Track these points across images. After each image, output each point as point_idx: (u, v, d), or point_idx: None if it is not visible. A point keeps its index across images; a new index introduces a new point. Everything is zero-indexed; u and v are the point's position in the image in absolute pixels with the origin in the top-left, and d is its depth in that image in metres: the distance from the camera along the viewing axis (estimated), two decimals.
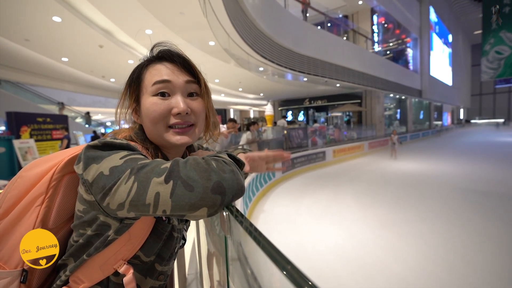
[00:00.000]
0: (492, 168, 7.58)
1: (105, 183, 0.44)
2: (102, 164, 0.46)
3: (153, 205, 0.42)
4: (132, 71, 0.61)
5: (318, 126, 10.62)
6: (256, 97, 17.30)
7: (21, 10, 4.99)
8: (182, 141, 0.57)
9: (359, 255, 2.98)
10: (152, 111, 0.56)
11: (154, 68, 0.58)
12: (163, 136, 0.57)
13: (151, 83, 0.56)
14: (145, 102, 0.57)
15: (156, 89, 0.56)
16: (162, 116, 0.56)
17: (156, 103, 0.56)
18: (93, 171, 0.46)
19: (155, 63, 0.59)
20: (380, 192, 5.47)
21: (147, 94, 0.57)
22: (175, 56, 0.59)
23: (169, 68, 0.57)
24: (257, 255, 0.40)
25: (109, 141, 0.50)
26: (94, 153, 0.48)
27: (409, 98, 18.25)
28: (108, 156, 0.47)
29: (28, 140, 5.96)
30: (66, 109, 12.63)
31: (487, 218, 3.92)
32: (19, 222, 0.53)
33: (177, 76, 0.57)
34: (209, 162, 0.46)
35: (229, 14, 5.57)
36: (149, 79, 0.57)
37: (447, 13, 23.71)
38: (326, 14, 11.34)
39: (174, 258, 0.66)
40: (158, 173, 0.43)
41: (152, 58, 0.60)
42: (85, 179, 0.47)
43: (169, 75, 0.57)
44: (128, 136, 0.60)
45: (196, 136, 0.61)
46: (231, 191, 0.44)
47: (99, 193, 0.45)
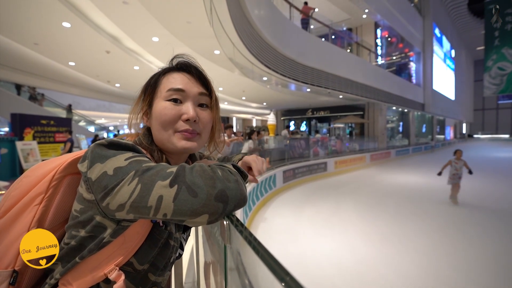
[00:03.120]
0: (499, 184, 7.49)
1: (107, 183, 0.44)
2: (107, 164, 0.46)
3: (154, 208, 0.42)
4: (150, 77, 0.64)
5: (320, 137, 10.62)
6: (259, 106, 17.39)
7: (32, 15, 5.10)
8: (187, 146, 0.58)
9: (359, 268, 2.93)
10: (163, 114, 0.57)
11: (172, 76, 0.61)
12: (170, 140, 0.58)
13: (166, 89, 0.59)
14: (157, 105, 0.59)
15: (169, 95, 0.58)
16: (172, 120, 0.57)
17: (168, 107, 0.58)
18: (97, 170, 0.46)
19: (173, 72, 0.62)
20: (382, 205, 5.41)
21: (160, 98, 0.59)
22: (192, 68, 0.62)
23: (185, 78, 0.60)
24: (256, 265, 0.40)
25: (116, 141, 0.51)
26: (100, 152, 0.48)
27: (412, 111, 18.28)
28: (113, 156, 0.47)
29: (31, 142, 6.00)
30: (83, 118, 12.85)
31: (492, 235, 3.85)
32: (16, 220, 0.52)
33: (191, 87, 0.60)
34: (215, 170, 0.47)
35: (235, 24, 5.66)
36: (165, 85, 0.60)
37: (450, 29, 24.00)
38: (330, 27, 11.50)
39: (169, 269, 0.63)
40: (164, 177, 0.43)
41: (171, 67, 0.63)
42: (88, 177, 0.47)
43: (184, 84, 0.59)
44: (134, 140, 0.61)
45: (200, 145, 0.62)
46: (233, 201, 0.45)
47: (100, 192, 0.45)
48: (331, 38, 11.50)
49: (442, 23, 21.64)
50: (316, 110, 18.43)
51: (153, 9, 5.02)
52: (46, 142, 6.87)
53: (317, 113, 18.44)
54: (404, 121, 19.20)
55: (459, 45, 27.67)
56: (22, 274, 0.53)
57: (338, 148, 11.18)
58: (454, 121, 30.59)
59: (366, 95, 12.39)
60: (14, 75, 9.32)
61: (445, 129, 27.32)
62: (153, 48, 6.85)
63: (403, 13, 15.34)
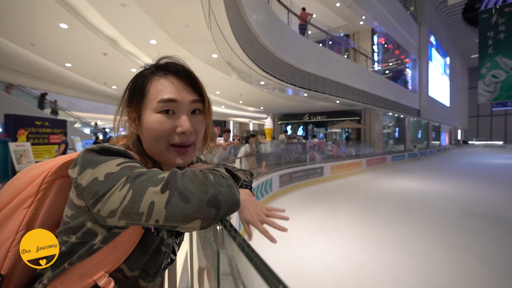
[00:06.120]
0: (494, 191, 7.56)
1: (98, 189, 0.43)
2: (98, 170, 0.45)
3: (146, 214, 0.41)
4: (134, 80, 0.59)
5: (317, 142, 10.65)
6: (256, 110, 17.43)
7: (29, 16, 5.08)
8: (180, 162, 0.58)
9: (355, 274, 2.91)
10: (156, 128, 0.55)
11: (160, 82, 0.56)
12: (164, 154, 0.57)
13: (156, 100, 0.55)
14: (148, 117, 0.55)
15: (161, 107, 0.55)
16: (166, 134, 0.56)
17: (161, 121, 0.55)
18: (87, 176, 0.45)
19: (161, 77, 0.57)
20: (377, 210, 5.42)
21: (150, 109, 0.55)
22: (181, 71, 0.58)
23: (175, 85, 0.56)
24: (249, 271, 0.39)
25: (107, 147, 0.50)
26: (91, 158, 0.47)
27: (408, 117, 18.46)
28: (104, 162, 0.46)
29: (24, 143, 5.92)
30: (66, 114, 12.58)
31: (487, 242, 3.87)
32: (5, 223, 0.51)
33: (182, 96, 0.56)
34: (206, 175, 0.46)
35: (233, 29, 5.69)
36: (154, 95, 0.55)
37: (445, 36, 24.40)
38: (328, 33, 11.62)
39: (161, 275, 0.62)
40: (155, 183, 0.43)
41: (157, 69, 0.58)
42: (78, 183, 0.46)
43: (176, 94, 0.55)
44: (126, 144, 0.60)
45: (194, 155, 0.61)
46: (226, 205, 0.45)
47: (91, 198, 0.44)
48: (328, 43, 11.61)
49: (438, 31, 22.00)
50: (313, 115, 18.52)
51: (151, 12, 5.03)
52: (40, 143, 6.78)
53: (314, 117, 18.54)
54: (400, 126, 19.38)
55: (454, 52, 28.11)
56: (8, 278, 0.51)
57: (335, 153, 11.22)
58: (449, 128, 30.95)
59: (363, 101, 12.49)
60: (10, 76, 9.24)
61: (440, 135, 27.62)
62: (150, 51, 6.85)
63: (399, 20, 15.58)
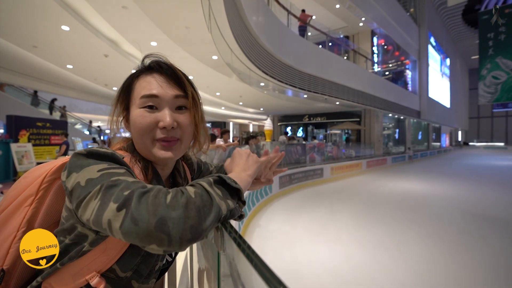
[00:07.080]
0: (494, 192, 7.55)
1: (79, 194, 0.44)
2: (81, 174, 0.46)
3: (109, 230, 0.40)
4: (125, 81, 0.62)
5: (317, 143, 10.65)
6: (256, 111, 17.44)
7: (32, 18, 5.10)
8: (166, 156, 0.57)
9: (355, 275, 2.91)
10: (139, 123, 0.56)
11: (144, 80, 0.58)
12: (149, 149, 0.57)
13: (139, 96, 0.56)
14: (133, 113, 0.57)
15: (143, 102, 0.56)
16: (148, 128, 0.55)
17: (143, 115, 0.56)
18: (72, 180, 0.46)
19: (145, 75, 0.58)
20: (377, 212, 5.41)
21: (135, 105, 0.57)
22: (164, 68, 0.58)
23: (158, 81, 0.57)
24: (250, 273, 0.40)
25: (95, 150, 0.50)
26: (77, 161, 0.48)
27: (408, 118, 18.44)
28: (87, 166, 0.46)
29: (25, 144, 5.94)
30: (69, 116, 12.62)
31: (487, 243, 3.87)
32: (9, 220, 0.53)
33: (165, 91, 0.56)
34: (167, 195, 0.41)
35: (233, 30, 5.71)
36: (138, 91, 0.57)
37: (445, 38, 24.39)
38: (328, 34, 11.64)
39: (155, 277, 0.61)
40: (117, 199, 0.40)
41: (142, 68, 0.60)
42: (66, 186, 0.47)
43: (158, 89, 0.56)
44: (122, 146, 0.61)
45: (181, 151, 0.60)
46: (176, 232, 0.38)
47: (74, 202, 0.45)
48: (328, 45, 11.62)
49: (438, 32, 21.99)
50: (313, 116, 18.52)
51: (152, 14, 5.05)
52: (41, 144, 6.81)
53: (314, 119, 18.53)
54: (400, 128, 19.36)
55: (454, 53, 28.09)
56: (9, 273, 0.53)
57: (335, 154, 11.21)
58: (449, 129, 30.89)
59: (363, 102, 12.49)
60: (12, 77, 9.27)
61: (441, 136, 27.57)
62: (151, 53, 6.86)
63: (399, 22, 15.59)
